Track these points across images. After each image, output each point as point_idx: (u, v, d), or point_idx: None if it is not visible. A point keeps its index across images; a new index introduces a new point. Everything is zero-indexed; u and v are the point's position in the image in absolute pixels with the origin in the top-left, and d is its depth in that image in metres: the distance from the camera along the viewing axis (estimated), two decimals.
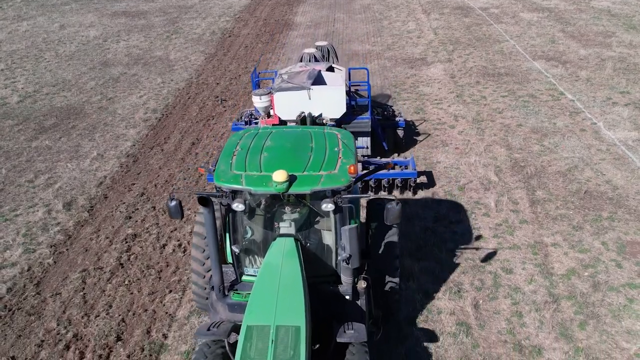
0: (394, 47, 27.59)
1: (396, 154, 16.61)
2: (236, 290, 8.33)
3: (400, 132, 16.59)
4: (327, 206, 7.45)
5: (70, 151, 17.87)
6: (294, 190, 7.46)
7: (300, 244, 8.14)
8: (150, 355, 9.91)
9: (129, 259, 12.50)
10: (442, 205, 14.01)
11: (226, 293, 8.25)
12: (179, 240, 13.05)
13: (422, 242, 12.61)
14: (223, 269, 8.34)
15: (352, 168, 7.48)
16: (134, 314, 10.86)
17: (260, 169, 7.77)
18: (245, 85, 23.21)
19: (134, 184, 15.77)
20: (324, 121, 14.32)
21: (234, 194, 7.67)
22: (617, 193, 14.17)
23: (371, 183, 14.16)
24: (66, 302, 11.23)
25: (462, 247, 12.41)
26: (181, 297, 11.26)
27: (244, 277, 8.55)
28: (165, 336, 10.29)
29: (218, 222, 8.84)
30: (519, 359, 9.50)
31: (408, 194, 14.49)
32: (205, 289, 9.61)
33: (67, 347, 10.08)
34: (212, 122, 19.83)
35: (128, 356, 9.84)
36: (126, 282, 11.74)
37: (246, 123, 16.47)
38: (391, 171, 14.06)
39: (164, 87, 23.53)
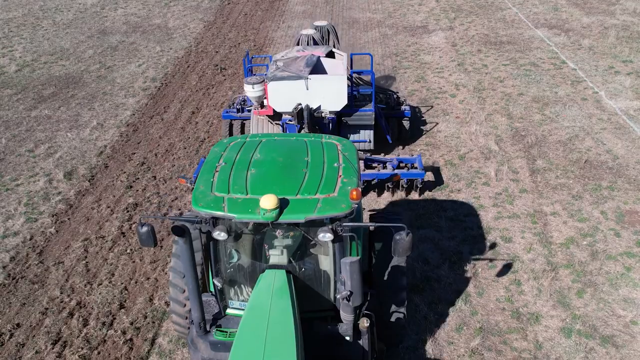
0: (395, 15, 27.27)
1: (401, 147, 15.30)
2: (219, 326, 7.35)
3: (406, 123, 15.16)
4: (325, 236, 6.41)
5: (69, 120, 17.81)
6: (285, 218, 6.33)
7: (293, 276, 7.04)
8: (153, 322, 10.05)
9: (130, 228, 12.57)
10: (443, 174, 14.03)
11: (208, 329, 7.30)
12: (180, 210, 13.11)
13: (422, 211, 12.67)
14: (205, 299, 7.38)
15: (354, 193, 6.26)
16: (136, 282, 10.97)
17: (247, 190, 6.66)
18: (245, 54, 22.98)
19: (134, 154, 15.76)
20: (323, 114, 13.15)
21: (216, 220, 6.54)
22: (617, 162, 14.18)
23: (374, 183, 13.09)
24: (69, 271, 11.34)
25: (462, 216, 12.47)
26: None
27: (228, 311, 7.51)
28: (167, 304, 10.41)
29: (198, 247, 7.91)
30: (516, 326, 9.63)
31: (414, 195, 13.32)
32: (186, 318, 8.62)
33: (71, 315, 10.22)
34: (211, 91, 19.72)
35: (131, 323, 9.98)
36: (128, 251, 11.83)
37: (238, 111, 15.20)
38: (397, 170, 12.92)
39: (162, 55, 23.33)
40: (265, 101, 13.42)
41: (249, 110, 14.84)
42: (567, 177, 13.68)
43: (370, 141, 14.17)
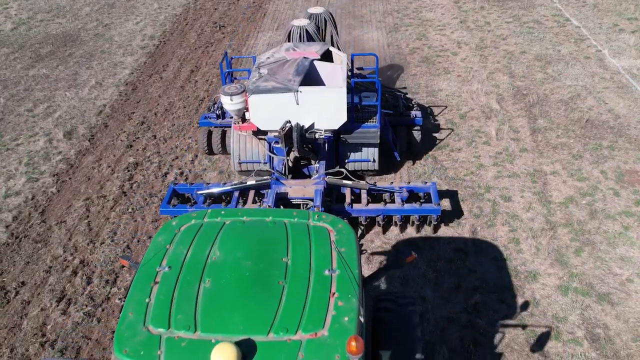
0: None
1: (410, 161, 13.01)
2: None
3: (417, 134, 12.78)
4: None
5: (68, 79, 17.68)
6: None
7: None
8: None
9: (131, 188, 12.62)
10: (443, 133, 14.00)
11: None
12: (180, 169, 13.14)
13: (422, 170, 12.69)
14: None
15: (353, 345, 4.19)
16: (138, 241, 11.08)
17: (195, 324, 4.57)
18: (244, 11, 22.67)
19: (134, 113, 15.70)
20: (317, 134, 10.85)
21: None
22: (618, 122, 14.12)
23: (379, 219, 10.72)
24: (71, 230, 11.43)
25: (462, 175, 12.50)
26: None
27: None
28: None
29: None
30: (514, 283, 9.77)
31: (426, 229, 11.10)
32: None
33: (75, 273, 10.35)
34: (210, 49, 19.50)
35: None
36: (129, 210, 11.91)
37: (218, 116, 13.01)
38: (407, 206, 10.60)
39: (160, 12, 22.99)
40: (247, 114, 11.17)
41: (232, 117, 12.31)
42: (567, 137, 13.65)
43: (374, 160, 11.83)
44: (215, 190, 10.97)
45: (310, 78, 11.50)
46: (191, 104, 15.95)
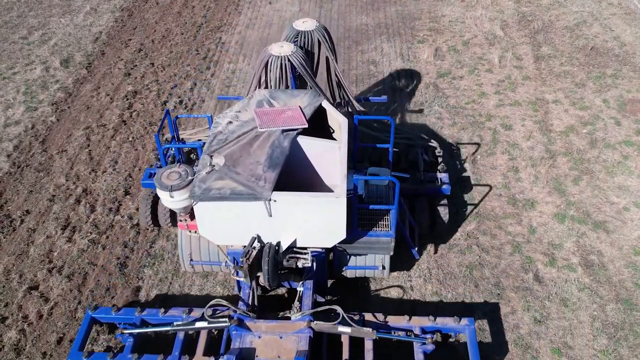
0: None
1: (432, 249, 9.26)
2: None
3: (444, 211, 9.22)
4: None
5: (62, 5, 17.24)
6: None
7: None
8: None
9: (131, 116, 12.56)
10: (445, 60, 13.79)
11: None
12: (179, 97, 13.03)
13: (423, 98, 12.60)
14: None
15: None
16: (139, 170, 11.14)
17: None
18: None
19: (131, 40, 15.41)
20: (299, 262, 7.42)
21: None
22: (624, 50, 13.88)
23: None
24: (73, 159, 11.47)
25: (464, 103, 12.41)
26: None
27: None
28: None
29: None
30: (512, 211, 9.90)
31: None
32: None
33: (78, 201, 10.47)
34: None
35: (137, 209, 10.24)
36: (130, 139, 11.90)
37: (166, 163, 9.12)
38: None
39: None
40: None
41: (195, 157, 9.57)
42: (571, 65, 13.46)
43: (384, 268, 8.36)
44: (149, 330, 7.61)
45: (292, 168, 7.73)
46: (189, 31, 15.63)
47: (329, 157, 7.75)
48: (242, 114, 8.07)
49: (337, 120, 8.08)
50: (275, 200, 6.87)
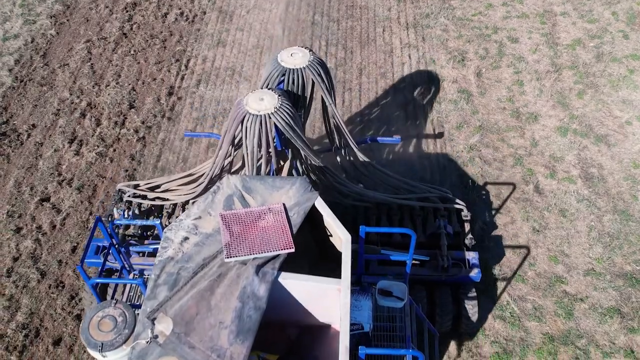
0: None
1: (455, 345, 7.45)
2: None
3: (472, 306, 7.20)
4: None
5: None
6: None
7: None
8: (163, 120, 10.36)
9: (131, 29, 12.36)
10: None
11: None
12: (180, 9, 12.77)
13: (429, 10, 12.34)
14: None
15: None
16: (143, 83, 11.10)
17: None
18: None
19: None
20: None
21: None
22: None
23: None
24: (75, 73, 11.40)
25: (470, 15, 12.18)
26: (187, 67, 11.39)
27: None
28: (174, 104, 10.65)
29: None
30: (515, 124, 9.96)
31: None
32: None
33: (83, 115, 10.51)
34: None
35: (142, 122, 10.30)
36: (132, 52, 11.77)
37: (120, 244, 7.03)
38: None
39: None
40: None
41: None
42: None
43: None
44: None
45: (274, 304, 5.35)
46: None
47: (324, 300, 5.51)
48: (203, 221, 5.62)
49: (338, 235, 5.57)
50: None
